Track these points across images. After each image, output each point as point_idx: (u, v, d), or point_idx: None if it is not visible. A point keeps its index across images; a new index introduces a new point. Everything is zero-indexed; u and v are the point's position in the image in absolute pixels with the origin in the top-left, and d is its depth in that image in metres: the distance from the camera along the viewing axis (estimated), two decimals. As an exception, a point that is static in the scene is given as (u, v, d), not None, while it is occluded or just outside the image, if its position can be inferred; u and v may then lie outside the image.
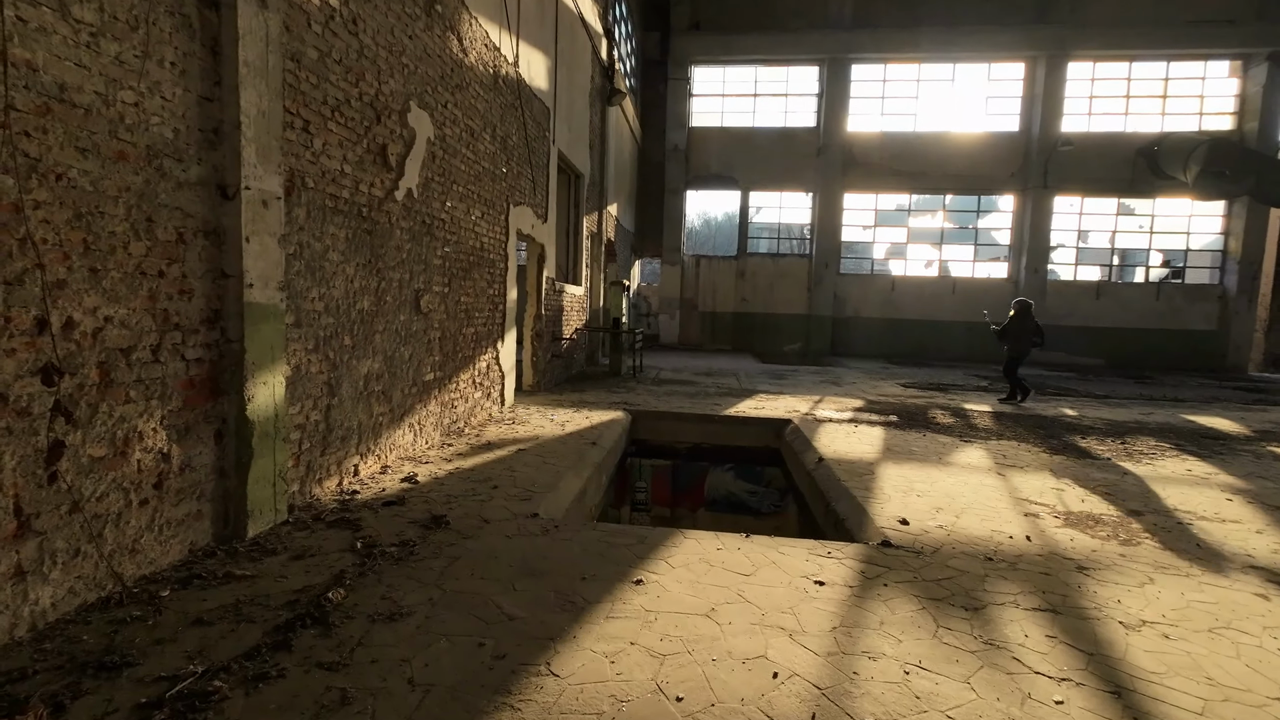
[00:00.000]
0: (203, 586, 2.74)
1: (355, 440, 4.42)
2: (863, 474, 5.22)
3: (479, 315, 6.68)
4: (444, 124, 5.55)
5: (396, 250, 4.88)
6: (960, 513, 4.27)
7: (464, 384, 6.37)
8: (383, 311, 4.72)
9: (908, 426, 7.53)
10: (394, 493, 4.18)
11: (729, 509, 13.08)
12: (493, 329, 7.11)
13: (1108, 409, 9.76)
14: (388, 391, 4.84)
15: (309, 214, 3.82)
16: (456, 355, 6.14)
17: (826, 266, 19.38)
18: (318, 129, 3.85)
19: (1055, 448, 6.61)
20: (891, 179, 19.24)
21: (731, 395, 9.59)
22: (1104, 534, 3.96)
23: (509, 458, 5.26)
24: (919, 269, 20.21)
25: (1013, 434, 7.30)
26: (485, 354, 6.91)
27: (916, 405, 9.32)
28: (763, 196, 20.22)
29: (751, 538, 3.62)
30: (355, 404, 4.39)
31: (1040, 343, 9.68)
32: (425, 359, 5.46)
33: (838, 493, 4.73)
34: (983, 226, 19.60)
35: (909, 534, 3.81)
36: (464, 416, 6.42)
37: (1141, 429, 7.99)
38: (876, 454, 5.99)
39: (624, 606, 2.73)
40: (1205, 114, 18.51)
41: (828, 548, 3.53)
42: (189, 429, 3.02)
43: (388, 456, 4.89)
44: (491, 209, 6.86)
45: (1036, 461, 5.93)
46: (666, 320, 20.24)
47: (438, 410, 5.77)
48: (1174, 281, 19.13)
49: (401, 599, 2.71)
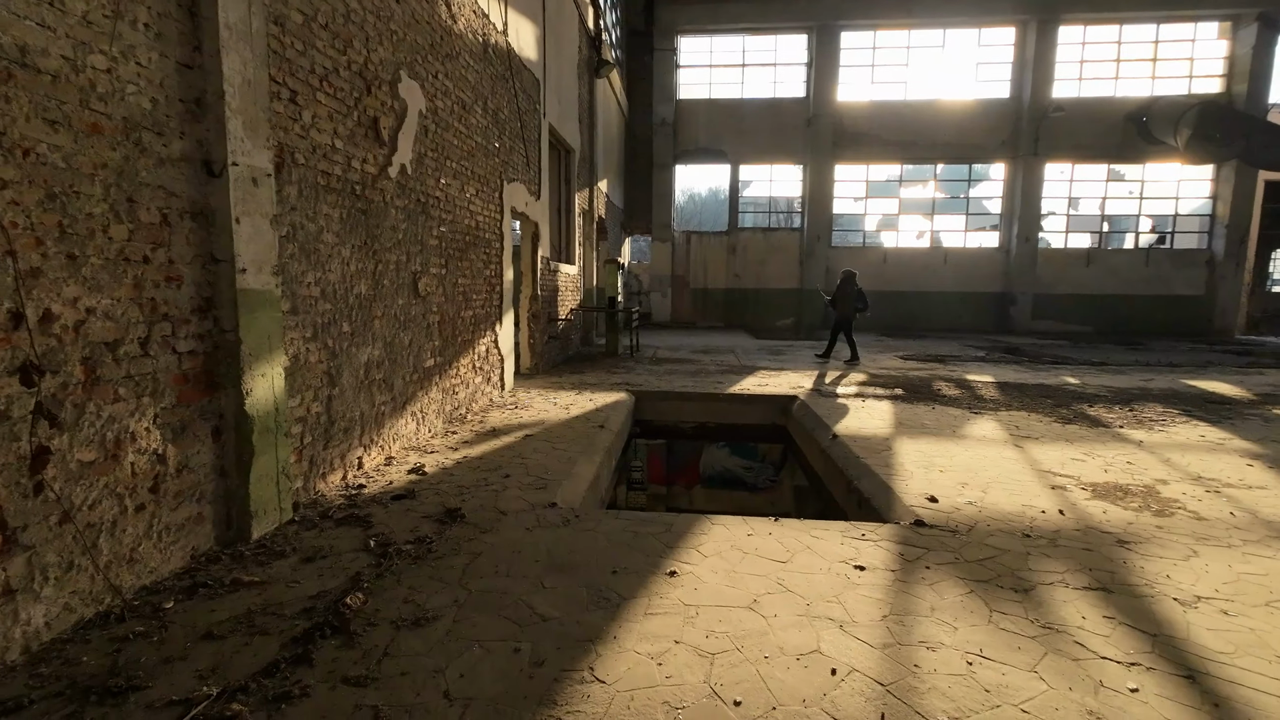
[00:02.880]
0: (210, 596, 2.55)
1: (358, 432, 4.21)
2: (879, 450, 5.11)
3: (476, 297, 6.44)
4: (435, 95, 5.26)
5: (392, 230, 4.62)
6: (986, 487, 4.17)
7: (464, 369, 6.16)
8: (381, 295, 4.48)
9: (915, 399, 7.44)
10: (402, 485, 3.99)
11: (733, 484, 13.07)
12: (491, 311, 6.87)
13: (1108, 376, 9.76)
14: (389, 379, 4.63)
15: (301, 193, 3.56)
16: (456, 339, 5.92)
17: (818, 240, 19.21)
18: (306, 100, 3.58)
19: (1066, 417, 6.56)
20: (882, 149, 19.02)
21: (733, 373, 9.45)
22: (1135, 505, 3.88)
23: (517, 444, 5.08)
24: (911, 240, 20.11)
25: (1020, 404, 7.24)
26: (484, 337, 6.69)
27: (920, 378, 9.25)
28: (753, 170, 19.92)
29: (781, 521, 3.49)
30: (357, 394, 4.18)
31: (863, 307, 10.92)
32: (425, 344, 5.24)
33: (858, 470, 4.61)
34: (974, 195, 19.49)
35: (940, 512, 3.70)
36: (466, 403, 6.22)
37: (1146, 395, 7.97)
38: (889, 429, 5.89)
39: (661, 601, 2.59)
40: (1195, 76, 18.41)
41: (861, 529, 3.41)
42: (185, 427, 2.80)
43: (391, 447, 4.69)
44: (485, 186, 6.59)
45: (1050, 432, 5.86)
46: (658, 298, 20.01)
47: (439, 397, 5.57)
48: (1162, 247, 19.21)
49: (425, 601, 2.54)
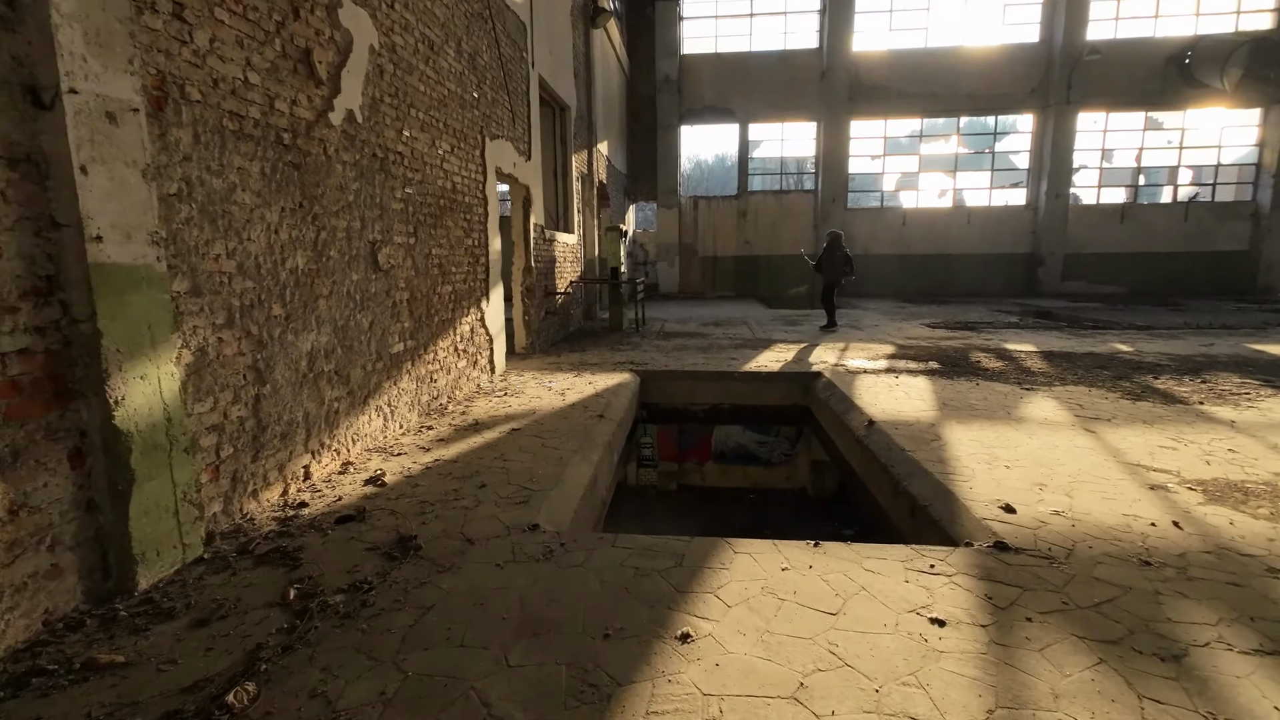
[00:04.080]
0: (43, 690, 1.84)
1: (302, 436, 3.48)
2: (927, 439, 4.33)
3: (456, 270, 5.66)
4: (392, 30, 4.40)
5: (340, 191, 3.82)
6: (1070, 489, 3.39)
7: (444, 353, 5.40)
8: (327, 270, 3.71)
9: (954, 374, 6.63)
10: (353, 501, 3.27)
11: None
12: (475, 286, 6.09)
13: (1161, 341, 8.86)
14: (343, 370, 3.88)
15: (198, 138, 2.76)
16: (432, 319, 5.15)
17: (833, 202, 18.14)
18: (199, 17, 2.76)
19: (1133, 393, 5.73)
20: (901, 102, 17.79)
21: (747, 346, 8.65)
22: (1266, 511, 3.09)
23: (500, 441, 4.34)
24: (931, 200, 19.02)
25: (1075, 377, 6.41)
26: (467, 316, 5.92)
27: (953, 348, 8.40)
28: (763, 129, 18.76)
29: (823, 548, 2.73)
30: (297, 390, 3.44)
31: (850, 271, 10.16)
32: (391, 326, 4.48)
33: (907, 467, 3.84)
34: (1000, 150, 18.28)
35: (1021, 526, 2.93)
36: (447, 391, 5.49)
37: (1212, 364, 7.10)
38: (933, 412, 5.10)
39: (671, 687, 1.85)
40: (1243, 12, 16.93)
41: (927, 557, 2.65)
42: (20, 454, 2.07)
43: (350, 450, 3.97)
44: (463, 142, 5.74)
45: (1121, 412, 5.04)
46: (665, 268, 19.11)
47: (413, 387, 4.83)
48: (1202, 201, 17.98)
49: (341, 696, 1.82)
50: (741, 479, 12.09)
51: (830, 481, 11.09)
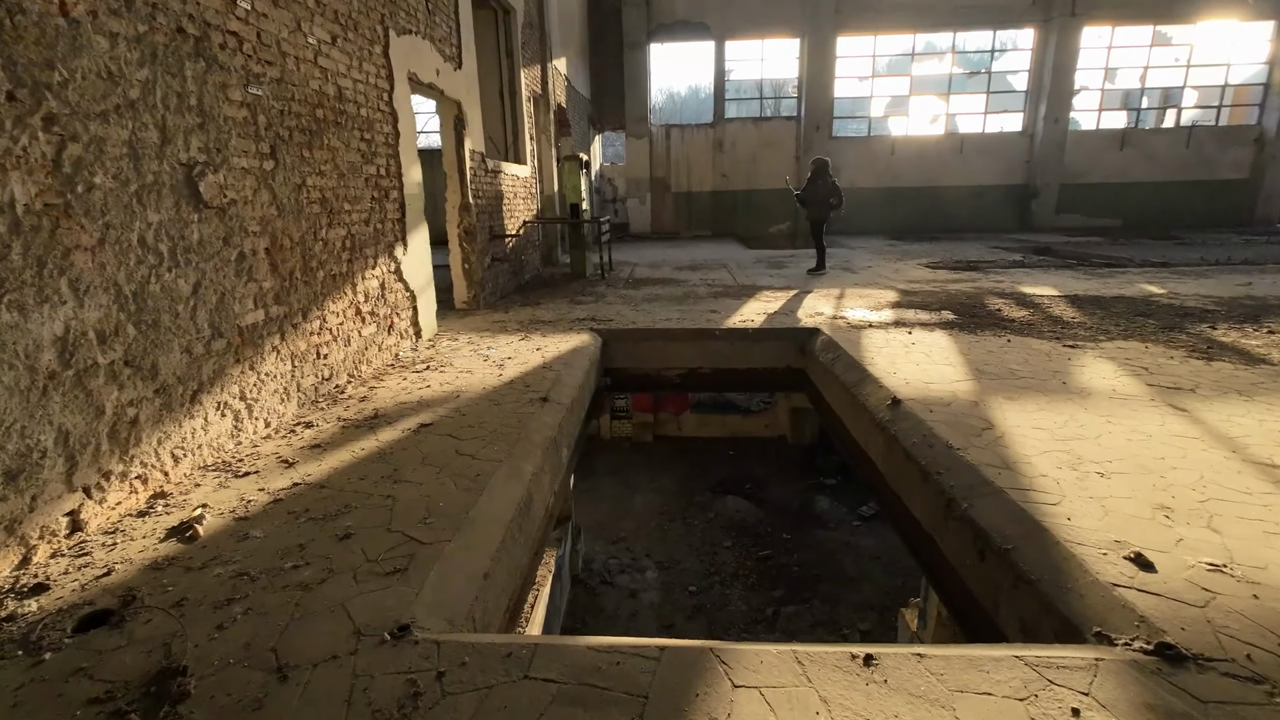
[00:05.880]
0: None
1: (58, 467, 2.24)
2: (974, 426, 3.25)
3: (353, 209, 4.29)
4: None
5: (106, 80, 2.44)
6: (1210, 517, 2.34)
7: (337, 318, 4.11)
8: (89, 206, 2.37)
9: (976, 327, 5.55)
10: (126, 577, 2.07)
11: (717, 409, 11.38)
12: (383, 228, 4.73)
13: (1192, 281, 7.89)
14: (143, 359, 2.60)
15: None
16: (313, 275, 3.84)
17: (817, 130, 16.63)
18: None
19: (1197, 348, 4.72)
20: (894, 15, 16.09)
21: (728, 296, 7.47)
22: None
23: (400, 445, 3.15)
24: (922, 127, 17.61)
25: (1119, 329, 5.37)
26: (373, 268, 4.59)
27: (964, 294, 7.32)
28: (741, 47, 16.94)
29: (878, 665, 1.64)
30: (40, 400, 2.17)
31: (838, 204, 8.95)
32: (238, 287, 3.17)
33: (962, 476, 2.75)
34: (997, 70, 16.80)
35: (1178, 600, 1.87)
36: (346, 368, 4.23)
37: (1266, 308, 6.13)
38: (968, 381, 4.02)
39: None
40: (1266, -89, 15.40)
41: (1052, 685, 1.57)
42: None
43: (169, 472, 2.74)
44: (352, 32, 4.26)
45: (1200, 377, 4.02)
46: (636, 205, 17.59)
47: (285, 369, 3.56)
48: (1206, 125, 16.88)
49: None
50: (720, 428, 11.21)
51: (811, 428, 10.24)
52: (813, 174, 9.10)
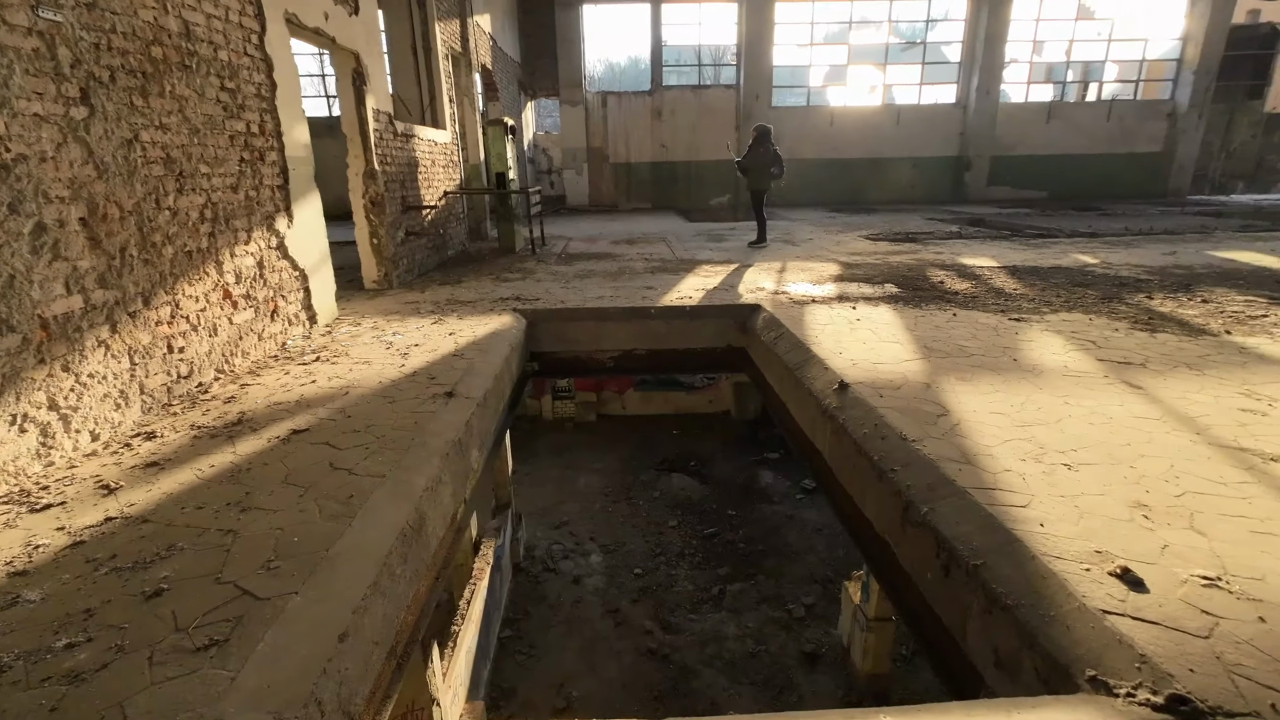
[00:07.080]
0: None
1: None
2: (929, 412, 2.95)
3: (213, 172, 3.59)
4: None
5: None
6: (1191, 515, 2.08)
7: (197, 303, 3.44)
8: None
9: (920, 301, 5.32)
10: None
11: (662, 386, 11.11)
12: (259, 196, 4.04)
13: (1122, 250, 7.97)
14: (-123, 365, 1.95)
15: None
16: (159, 252, 3.16)
17: (757, 99, 16.27)
18: None
19: (1139, 320, 4.61)
20: (832, -20, 15.77)
21: (666, 271, 7.04)
22: None
23: (261, 459, 2.58)
24: (861, 98, 17.51)
25: (1061, 300, 5.25)
26: (247, 243, 3.91)
27: (906, 266, 7.13)
28: (679, 10, 16.30)
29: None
30: None
31: (779, 174, 8.66)
32: (37, 267, 2.50)
33: (919, 473, 2.42)
34: (932, 40, 16.78)
35: (1177, 629, 1.57)
36: (212, 362, 3.57)
37: (1195, 277, 6.17)
38: (917, 360, 3.73)
39: None
40: (1182, -113, 15.77)
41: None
42: None
43: (-64, 509, 2.11)
44: (201, -45, 3.52)
45: (1148, 351, 3.87)
46: (573, 177, 16.86)
47: (121, 367, 2.91)
48: (1125, 99, 17.44)
49: None
50: (664, 405, 10.93)
51: (754, 403, 10.07)
52: (754, 141, 8.73)
